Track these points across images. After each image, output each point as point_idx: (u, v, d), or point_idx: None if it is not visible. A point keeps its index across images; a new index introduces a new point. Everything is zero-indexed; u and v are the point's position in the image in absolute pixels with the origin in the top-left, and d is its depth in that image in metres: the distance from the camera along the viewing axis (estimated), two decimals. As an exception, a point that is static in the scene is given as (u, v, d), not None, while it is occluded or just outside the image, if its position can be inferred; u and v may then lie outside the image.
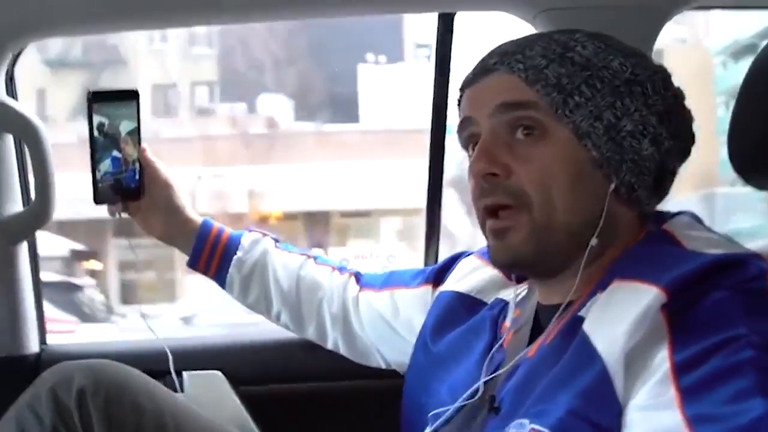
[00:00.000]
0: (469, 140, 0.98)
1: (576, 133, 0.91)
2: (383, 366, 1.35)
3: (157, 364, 1.38)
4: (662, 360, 0.77)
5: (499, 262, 0.98)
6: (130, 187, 1.29)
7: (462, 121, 0.99)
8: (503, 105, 0.93)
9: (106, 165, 1.25)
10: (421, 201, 1.62)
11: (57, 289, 8.34)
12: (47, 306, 1.58)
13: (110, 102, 1.26)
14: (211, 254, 1.35)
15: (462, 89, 1.01)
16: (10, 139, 1.48)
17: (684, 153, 0.97)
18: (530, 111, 0.92)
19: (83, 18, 1.39)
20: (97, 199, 1.26)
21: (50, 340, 1.59)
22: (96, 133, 1.24)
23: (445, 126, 1.59)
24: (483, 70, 0.97)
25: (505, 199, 0.92)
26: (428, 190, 1.63)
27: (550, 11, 1.36)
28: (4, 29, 1.38)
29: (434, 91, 1.58)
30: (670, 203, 1.00)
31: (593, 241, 0.91)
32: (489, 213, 0.94)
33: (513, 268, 1.01)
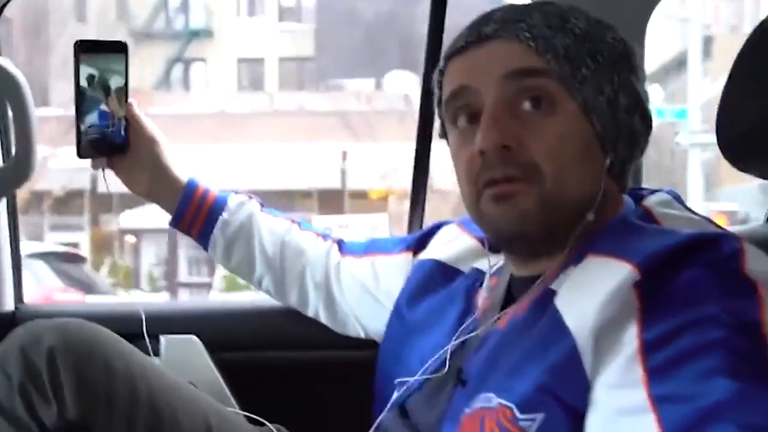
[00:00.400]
0: (460, 111, 0.94)
1: (584, 106, 0.89)
2: (362, 335, 1.34)
3: (133, 327, 1.36)
4: (631, 338, 0.76)
5: (506, 230, 0.92)
6: (115, 141, 1.26)
7: (456, 90, 0.94)
8: (513, 72, 0.89)
9: (92, 118, 1.21)
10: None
11: (62, 259, 8.36)
12: (53, 277, 1.57)
13: (99, 54, 1.22)
14: (196, 214, 1.33)
15: (450, 57, 0.97)
16: None
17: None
18: (542, 79, 0.89)
19: None
20: (82, 153, 1.23)
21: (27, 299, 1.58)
22: (85, 84, 1.20)
23: (433, 100, 1.58)
24: (479, 37, 0.92)
25: (515, 171, 0.88)
26: (415, 159, 1.62)
27: None
28: None
29: (425, 68, 1.57)
30: (728, 192, 1.02)
31: (590, 216, 0.89)
32: (489, 184, 0.90)
33: (516, 239, 0.93)
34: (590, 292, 0.81)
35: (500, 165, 0.88)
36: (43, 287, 7.35)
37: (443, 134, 1.02)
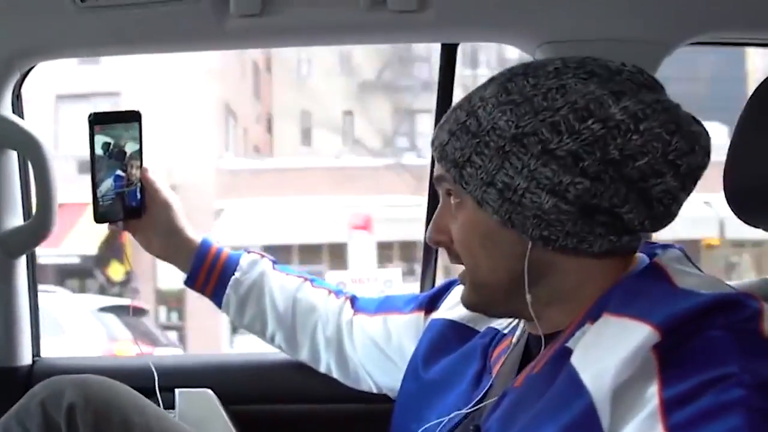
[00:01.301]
0: None
1: (476, 202, 0.92)
2: (374, 390, 1.35)
3: (148, 381, 1.38)
4: (651, 396, 0.77)
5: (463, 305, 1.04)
6: (131, 205, 1.30)
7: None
8: (434, 180, 1.00)
9: (108, 184, 1.26)
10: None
11: (128, 312, 8.44)
12: (124, 330, 1.59)
13: (113, 123, 1.27)
14: (209, 274, 1.36)
15: None
16: (13, 155, 1.49)
17: (659, 173, 0.89)
18: (445, 184, 0.97)
19: (90, 39, 1.42)
20: (98, 218, 1.27)
21: (44, 353, 1.59)
22: (101, 152, 1.25)
23: None
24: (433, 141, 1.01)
25: (453, 259, 1.00)
26: (427, 216, 1.64)
27: (551, 44, 1.37)
28: (13, 48, 1.40)
29: (436, 119, 1.59)
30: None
31: (528, 298, 0.92)
32: None
33: (474, 311, 1.04)
34: (608, 352, 0.81)
35: (447, 254, 1.01)
36: (117, 341, 7.48)
37: None
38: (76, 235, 13.19)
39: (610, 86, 0.89)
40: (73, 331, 6.73)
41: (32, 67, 1.47)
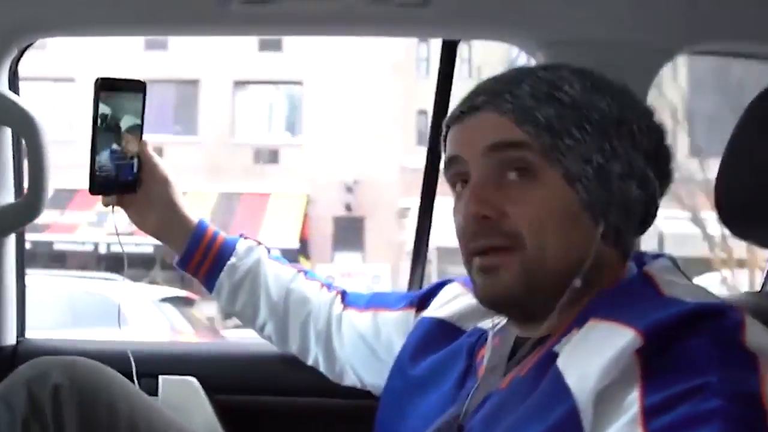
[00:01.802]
0: (455, 178, 0.98)
1: (567, 176, 0.90)
2: (359, 386, 1.34)
3: (131, 366, 1.37)
4: (632, 401, 0.77)
5: (486, 300, 0.96)
6: (126, 180, 1.27)
7: (449, 159, 0.98)
8: (494, 145, 0.92)
9: (104, 156, 1.23)
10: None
11: (183, 303, 8.34)
12: (183, 321, 1.56)
13: (117, 92, 1.23)
14: (204, 256, 1.34)
15: (448, 125, 1.00)
16: (7, 132, 1.48)
17: (664, 193, 0.97)
18: (522, 152, 0.91)
19: (90, 18, 1.41)
20: (93, 190, 1.24)
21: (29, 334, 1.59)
22: (99, 122, 1.21)
23: (440, 153, 1.60)
24: (470, 108, 0.96)
25: (498, 241, 0.91)
26: (418, 215, 1.64)
27: (552, 45, 1.38)
28: (11, 25, 1.40)
29: (434, 117, 1.60)
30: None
31: (577, 282, 0.90)
32: (479, 252, 0.94)
33: (498, 306, 0.97)
34: (593, 355, 0.81)
35: (483, 235, 0.92)
36: (180, 332, 7.36)
37: None
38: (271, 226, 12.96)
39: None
40: (136, 321, 6.45)
41: (30, 44, 1.46)
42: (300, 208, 15.42)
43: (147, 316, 6.99)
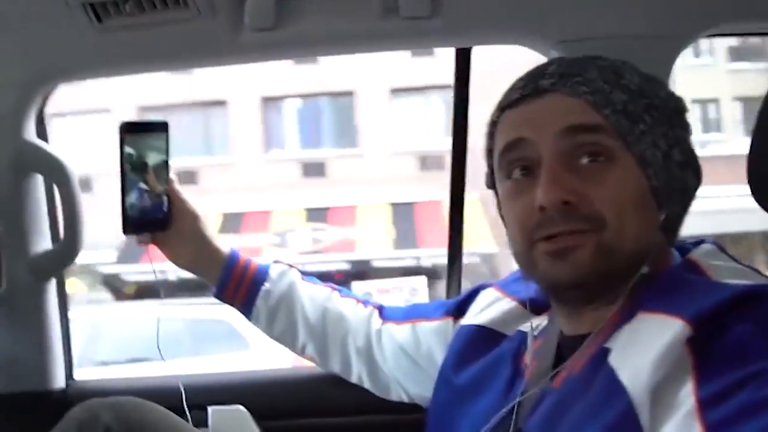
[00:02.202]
0: (515, 163, 0.95)
1: (641, 160, 0.90)
2: (406, 400, 1.35)
3: (180, 400, 1.38)
4: (687, 395, 0.76)
5: (561, 282, 0.91)
6: (157, 218, 1.30)
7: (511, 143, 0.95)
8: (571, 128, 0.90)
9: (134, 196, 1.26)
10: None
11: None
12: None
13: (140, 133, 1.26)
14: (239, 285, 1.36)
15: (504, 108, 0.98)
16: (39, 178, 1.51)
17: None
18: (600, 135, 0.90)
19: (110, 60, 1.43)
20: (126, 230, 1.27)
21: (77, 375, 1.61)
22: (126, 163, 1.24)
23: (464, 158, 1.60)
24: (536, 90, 0.94)
25: (578, 225, 0.89)
26: (450, 221, 1.64)
27: (565, 43, 1.37)
28: (35, 73, 1.42)
29: (454, 124, 1.60)
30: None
31: (644, 269, 0.90)
32: (546, 238, 0.91)
33: (572, 289, 0.92)
34: (644, 350, 0.81)
35: (561, 221, 0.89)
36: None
37: (491, 185, 1.03)
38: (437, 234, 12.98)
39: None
40: (258, 345, 6.22)
41: (53, 90, 1.49)
42: (476, 212, 15.12)
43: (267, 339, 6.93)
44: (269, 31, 1.35)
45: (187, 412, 1.35)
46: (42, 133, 1.51)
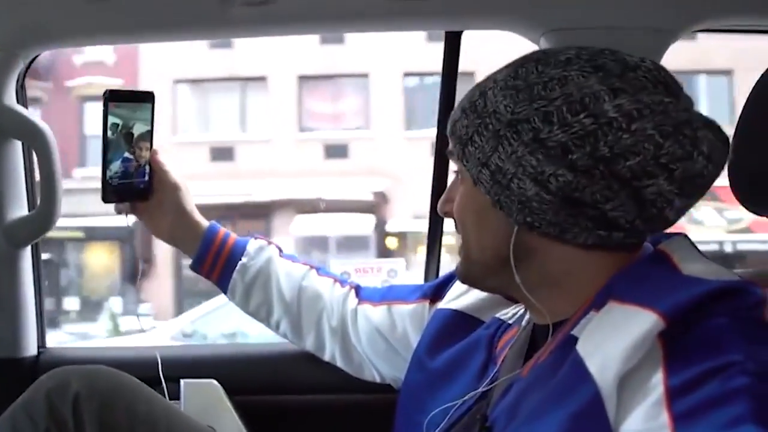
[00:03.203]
0: None
1: (473, 179, 0.95)
2: (378, 380, 1.36)
3: (154, 371, 1.38)
4: (656, 384, 0.77)
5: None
6: (138, 188, 1.29)
7: None
8: (448, 152, 1.02)
9: (116, 165, 1.25)
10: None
11: None
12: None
13: (126, 102, 1.25)
14: (216, 258, 1.36)
15: None
16: (18, 144, 1.49)
17: (651, 174, 0.87)
18: (453, 159, 1.00)
19: (95, 28, 1.41)
20: (106, 198, 1.26)
21: (49, 343, 1.60)
22: (109, 133, 1.23)
23: (448, 142, 1.59)
24: None
25: (457, 229, 1.02)
26: (431, 206, 1.64)
27: (555, 32, 1.37)
28: (17, 38, 1.40)
29: (440, 108, 1.60)
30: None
31: (517, 278, 0.94)
32: None
33: (466, 284, 1.08)
34: (614, 340, 0.81)
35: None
36: None
37: None
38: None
39: (611, 82, 0.88)
40: None
41: (36, 57, 1.47)
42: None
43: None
44: (260, 6, 1.33)
45: (164, 384, 1.35)
46: (22, 100, 1.49)
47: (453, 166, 1.04)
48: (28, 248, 1.53)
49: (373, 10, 1.37)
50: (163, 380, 1.35)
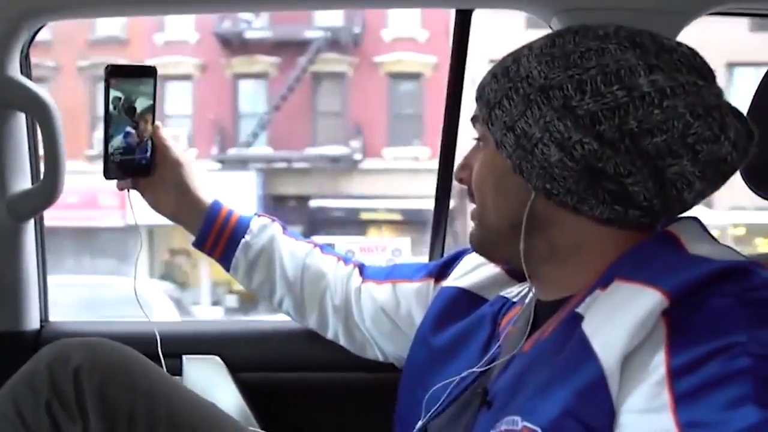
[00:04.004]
0: None
1: (496, 142, 0.95)
2: (381, 359, 1.35)
3: (155, 347, 1.38)
4: (658, 364, 0.77)
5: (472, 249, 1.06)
6: (141, 163, 1.28)
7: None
8: (471, 118, 1.03)
9: (118, 140, 1.24)
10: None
11: None
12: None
13: (128, 78, 1.24)
14: (219, 236, 1.35)
15: None
16: (22, 117, 1.48)
17: (676, 153, 0.88)
18: (477, 124, 1.00)
19: (101, 1, 1.40)
20: (108, 174, 1.25)
21: (52, 317, 1.60)
22: (111, 107, 1.22)
23: (458, 120, 1.58)
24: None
25: (469, 197, 1.03)
26: (437, 184, 1.63)
27: (567, 11, 1.35)
28: (22, 9, 1.39)
29: (448, 86, 1.58)
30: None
31: (521, 245, 0.94)
32: None
33: (478, 255, 1.07)
34: (619, 318, 0.81)
35: (468, 192, 1.03)
36: None
37: None
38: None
39: (648, 58, 0.88)
40: None
41: (40, 27, 1.46)
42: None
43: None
44: None
45: (162, 360, 1.34)
46: (26, 72, 1.48)
47: (474, 133, 1.03)
48: (32, 221, 1.53)
49: None
50: (161, 356, 1.34)
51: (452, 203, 1.65)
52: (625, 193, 0.89)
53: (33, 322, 1.54)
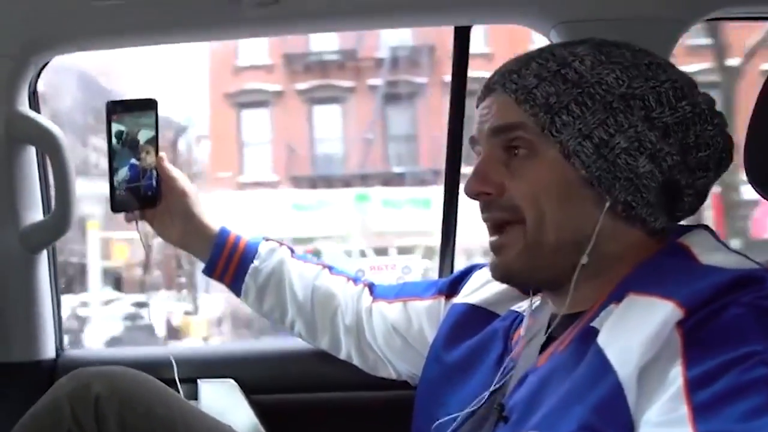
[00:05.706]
0: (478, 157, 1.01)
1: (563, 152, 0.91)
2: (395, 377, 1.35)
3: (171, 373, 1.39)
4: (676, 376, 0.77)
5: (494, 278, 1.00)
6: (147, 194, 1.30)
7: (470, 139, 1.02)
8: (495, 129, 0.96)
9: (123, 173, 1.26)
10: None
11: None
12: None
13: (129, 111, 1.26)
14: (228, 262, 1.36)
15: (476, 106, 1.03)
16: (32, 150, 1.50)
17: (707, 167, 0.93)
18: (518, 132, 0.94)
19: (105, 32, 1.42)
20: (115, 207, 1.27)
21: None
22: (114, 141, 1.24)
23: (461, 138, 1.59)
24: (486, 89, 0.99)
25: (500, 214, 0.96)
26: (444, 201, 1.64)
27: (565, 24, 1.36)
28: (29, 43, 1.41)
29: (451, 102, 1.59)
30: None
31: (584, 260, 0.92)
32: (492, 229, 0.98)
33: (507, 283, 1.03)
34: (634, 331, 0.81)
35: (485, 209, 0.98)
36: None
37: None
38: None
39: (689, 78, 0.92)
40: None
41: (47, 63, 1.48)
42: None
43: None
44: (271, 5, 1.33)
45: (179, 384, 1.35)
46: (35, 105, 1.50)
47: (483, 146, 0.98)
48: (45, 252, 1.54)
49: (383, 6, 1.37)
50: (177, 382, 1.35)
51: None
52: (680, 203, 0.92)
53: (49, 352, 1.55)
